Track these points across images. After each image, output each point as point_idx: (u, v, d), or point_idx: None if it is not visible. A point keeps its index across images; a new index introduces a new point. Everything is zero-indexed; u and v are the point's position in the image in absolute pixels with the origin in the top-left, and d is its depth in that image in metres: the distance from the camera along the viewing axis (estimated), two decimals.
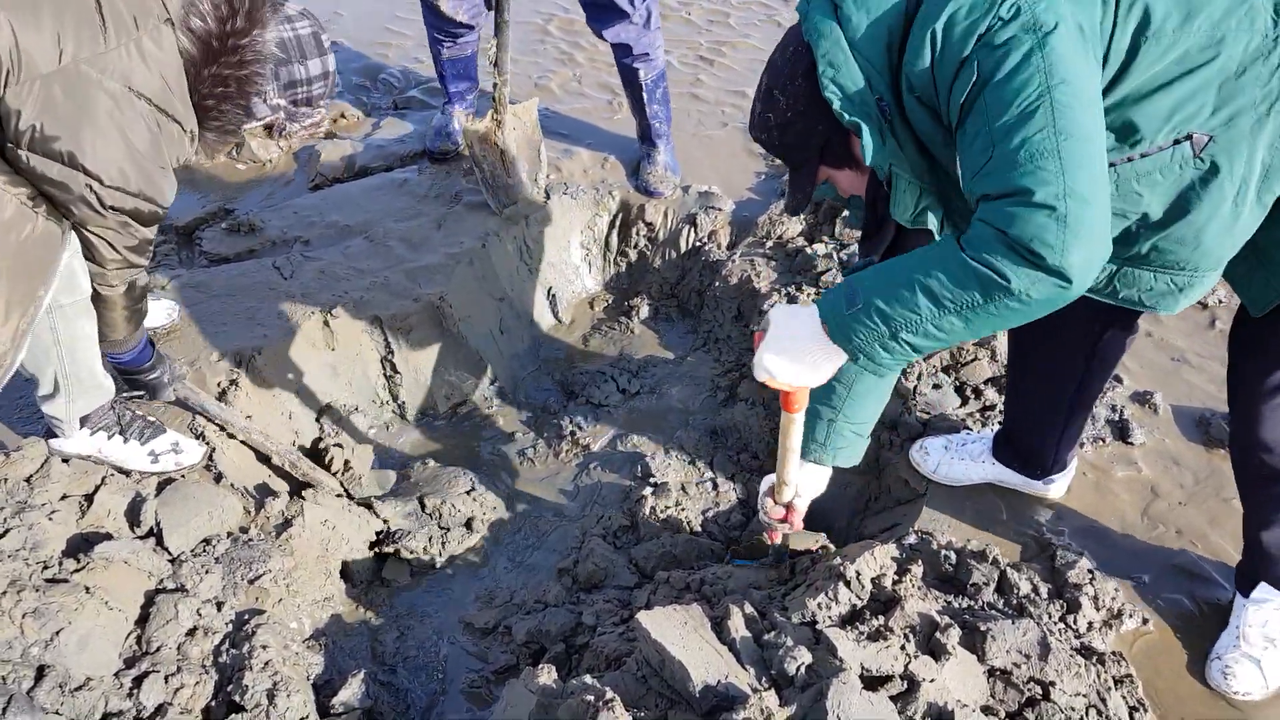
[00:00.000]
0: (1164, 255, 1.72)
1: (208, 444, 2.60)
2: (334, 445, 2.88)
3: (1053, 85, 1.41)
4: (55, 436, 2.37)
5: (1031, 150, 1.41)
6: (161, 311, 2.96)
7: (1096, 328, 2.13)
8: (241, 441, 2.67)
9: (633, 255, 4.02)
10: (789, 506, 2.23)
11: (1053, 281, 1.41)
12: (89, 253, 2.00)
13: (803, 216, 3.83)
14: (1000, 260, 1.43)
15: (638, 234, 3.98)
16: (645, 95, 3.86)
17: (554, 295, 3.88)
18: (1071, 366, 2.23)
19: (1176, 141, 1.58)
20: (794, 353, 1.75)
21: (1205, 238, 1.66)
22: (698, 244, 3.89)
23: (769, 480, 2.28)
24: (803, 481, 2.21)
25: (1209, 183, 1.60)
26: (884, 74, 1.64)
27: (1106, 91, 1.55)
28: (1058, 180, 1.38)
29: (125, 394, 2.50)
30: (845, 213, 3.74)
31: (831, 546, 2.40)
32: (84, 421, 2.36)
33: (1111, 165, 1.60)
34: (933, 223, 1.83)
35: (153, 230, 2.07)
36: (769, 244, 3.76)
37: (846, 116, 1.65)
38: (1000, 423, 2.70)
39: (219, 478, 2.51)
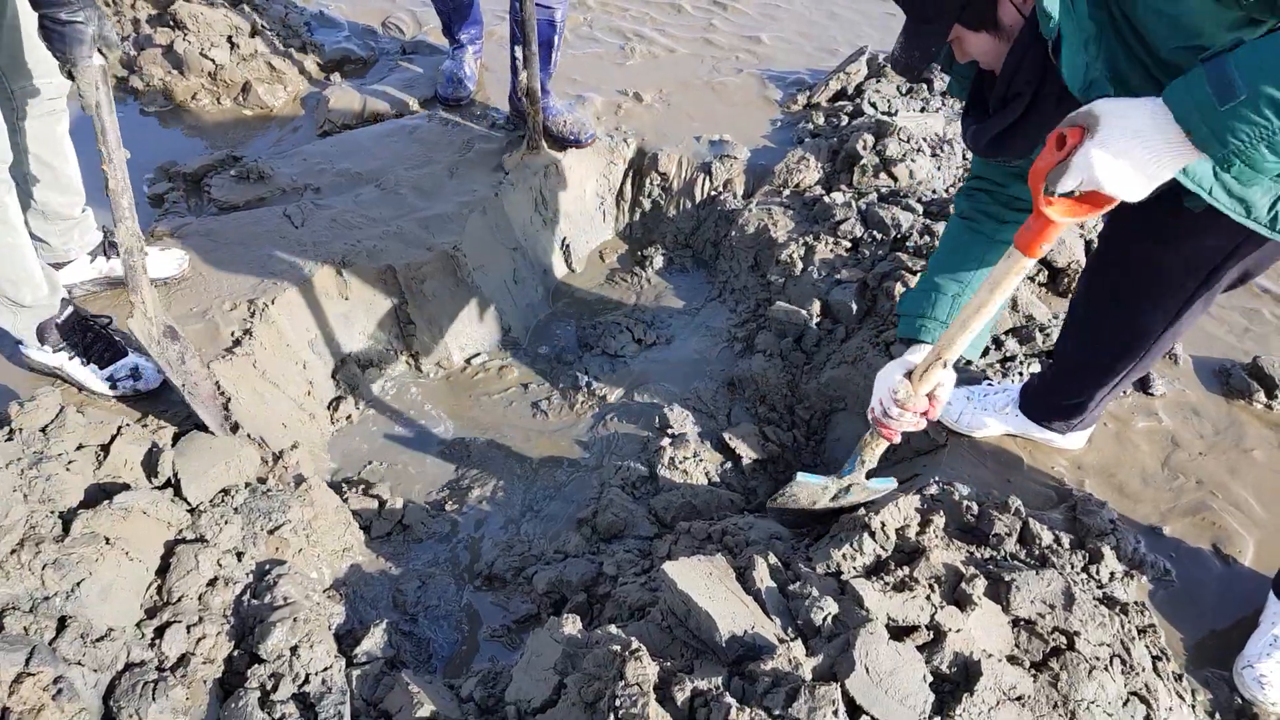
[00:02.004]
0: None
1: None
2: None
3: None
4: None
5: None
6: (171, 260, 2.92)
7: (1190, 290, 1.91)
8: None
9: (647, 205, 3.97)
10: (932, 396, 1.94)
11: None
12: None
13: (820, 165, 3.76)
14: None
15: (651, 183, 3.93)
16: (558, 40, 3.67)
17: (568, 245, 3.84)
18: (1151, 326, 2.04)
19: None
20: (1139, 155, 1.41)
21: None
22: (713, 193, 3.83)
23: (897, 368, 1.99)
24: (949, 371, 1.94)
25: None
26: None
27: None
28: None
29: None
30: (863, 160, 3.67)
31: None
32: (41, 338, 2.38)
33: None
34: (1108, 92, 1.55)
35: None
36: (786, 193, 3.70)
37: None
38: (1026, 376, 2.67)
39: (235, 427, 2.49)
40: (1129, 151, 1.40)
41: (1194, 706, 1.96)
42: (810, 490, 2.25)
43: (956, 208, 2.19)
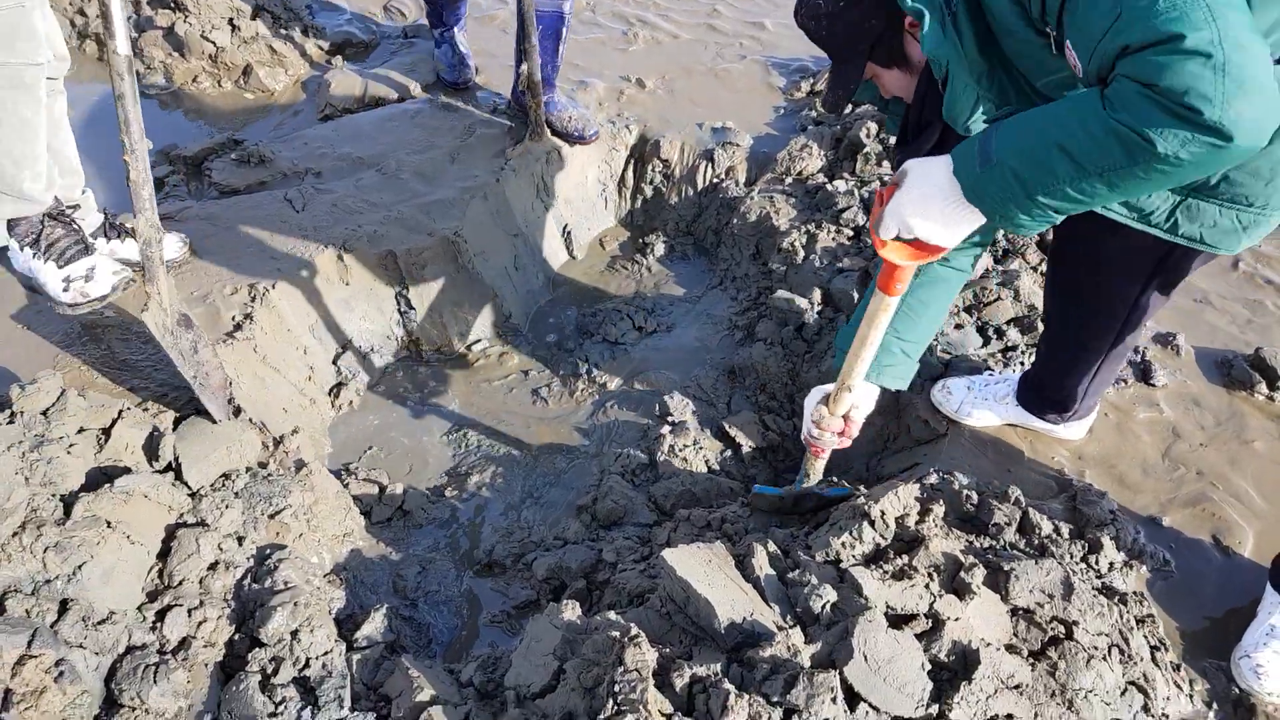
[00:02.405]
0: (1234, 187, 1.64)
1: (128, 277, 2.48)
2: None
3: None
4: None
5: None
6: (171, 244, 2.91)
7: (1144, 279, 2.01)
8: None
9: (649, 192, 3.96)
10: (847, 417, 2.10)
11: (1209, 140, 1.23)
12: None
13: (823, 152, 3.75)
14: (1147, 121, 1.25)
15: (653, 170, 3.92)
16: (566, 33, 3.63)
17: (569, 231, 3.83)
18: (1113, 314, 2.13)
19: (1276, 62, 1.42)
20: (932, 208, 1.59)
21: None
22: (715, 181, 3.82)
23: (820, 392, 2.16)
24: (859, 395, 2.09)
25: None
26: None
27: None
28: (1209, 25, 1.20)
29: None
30: (866, 148, 3.66)
31: (862, 489, 2.36)
32: (10, 230, 2.30)
33: None
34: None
35: None
36: (788, 180, 3.69)
37: (910, 2, 1.54)
38: (1027, 365, 2.68)
39: (238, 411, 2.48)
40: (927, 204, 1.58)
41: (1191, 696, 1.97)
42: (769, 500, 2.39)
43: None
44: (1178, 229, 1.75)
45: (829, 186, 3.52)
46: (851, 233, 3.33)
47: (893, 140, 3.50)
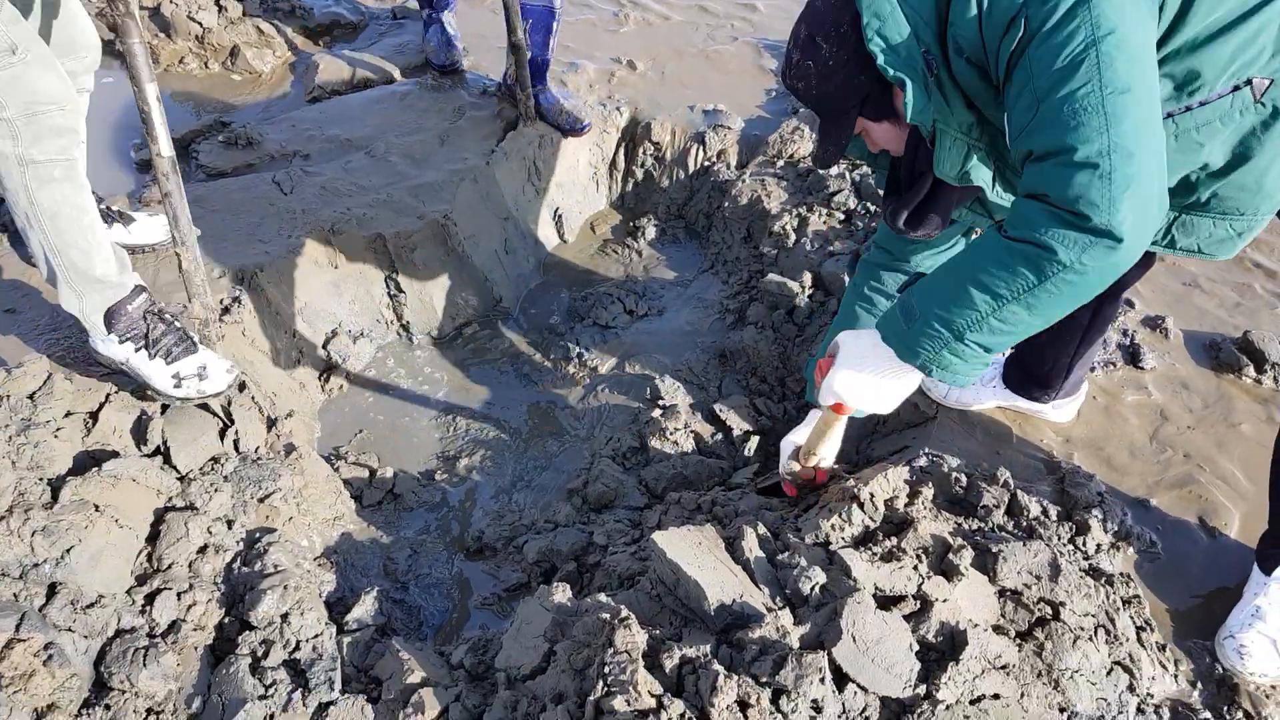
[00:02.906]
0: (1224, 202, 1.69)
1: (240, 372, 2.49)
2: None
3: (1099, 37, 1.34)
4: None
5: (1075, 106, 1.34)
6: (159, 227, 2.89)
7: None
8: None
9: (639, 175, 3.94)
10: (817, 468, 2.25)
11: (1103, 244, 1.34)
12: None
13: (813, 135, 3.74)
14: (1045, 232, 1.37)
15: (645, 153, 3.90)
16: (556, 26, 3.60)
17: (560, 215, 3.82)
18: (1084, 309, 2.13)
19: (1236, 88, 1.52)
20: (867, 375, 1.76)
21: (1266, 181, 1.63)
22: (706, 164, 3.81)
23: (791, 443, 2.29)
24: (826, 454, 2.23)
25: (1270, 127, 1.56)
26: (931, 25, 1.57)
27: (1164, 40, 1.49)
28: (1101, 136, 1.32)
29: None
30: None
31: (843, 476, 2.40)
32: (110, 326, 2.22)
33: (1170, 116, 1.55)
34: (984, 177, 1.76)
35: None
36: (780, 163, 3.68)
37: (891, 71, 1.57)
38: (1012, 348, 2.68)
39: (243, 386, 2.46)
40: (861, 373, 1.77)
41: (1176, 676, 1.98)
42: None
43: (853, 282, 2.43)
44: (1175, 244, 1.80)
45: (820, 170, 3.51)
46: (843, 216, 3.33)
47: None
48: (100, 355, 2.30)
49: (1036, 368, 2.43)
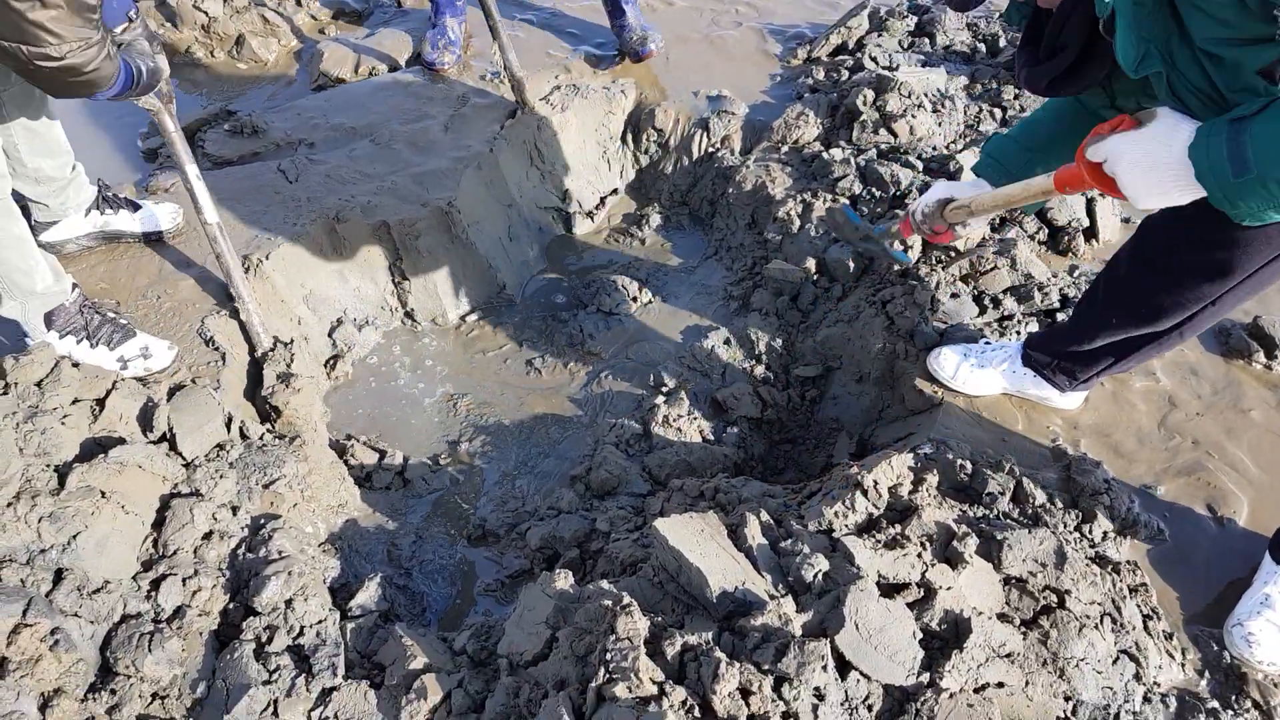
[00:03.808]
0: None
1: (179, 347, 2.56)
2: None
3: None
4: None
5: None
6: (166, 214, 2.89)
7: (1231, 282, 1.86)
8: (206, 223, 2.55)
9: (644, 161, 3.92)
10: (951, 229, 2.22)
11: None
12: (17, 36, 1.73)
13: (819, 121, 3.72)
14: None
15: (648, 139, 3.88)
16: None
17: (569, 196, 3.80)
18: (1181, 311, 1.99)
19: None
20: (1151, 179, 1.54)
21: None
22: (710, 150, 3.79)
23: (944, 189, 2.24)
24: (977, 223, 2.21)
25: None
26: None
27: None
28: None
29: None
30: (863, 116, 3.62)
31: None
32: (50, 324, 2.36)
33: None
34: (1158, 86, 1.60)
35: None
36: (784, 149, 3.66)
37: None
38: (1023, 335, 2.66)
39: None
40: (1147, 172, 1.54)
41: (1184, 665, 1.97)
42: (844, 220, 2.67)
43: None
44: None
45: (825, 155, 3.49)
46: (848, 201, 3.30)
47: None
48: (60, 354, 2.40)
49: (1074, 343, 2.28)
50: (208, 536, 2.13)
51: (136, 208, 2.83)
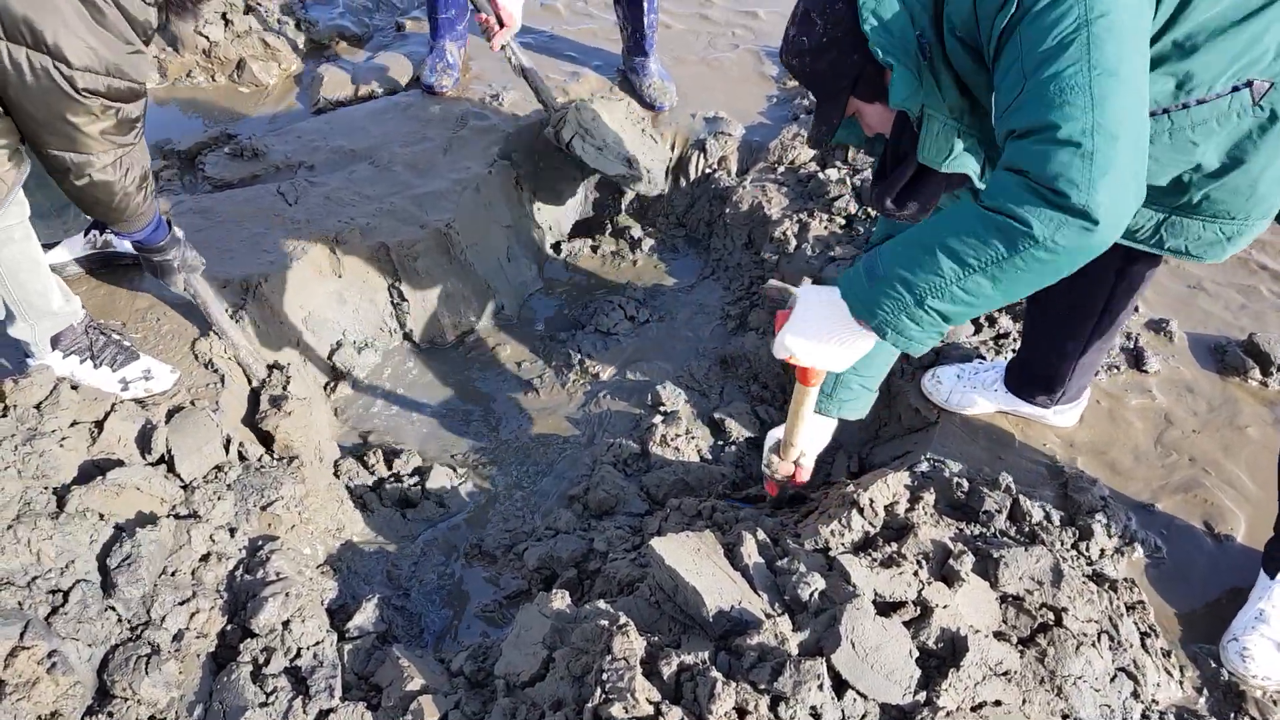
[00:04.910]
0: (1215, 205, 1.68)
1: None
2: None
3: (1091, 19, 1.34)
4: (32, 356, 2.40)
5: (1062, 85, 1.33)
6: None
7: (1120, 260, 2.04)
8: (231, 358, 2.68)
9: None
10: (796, 464, 2.22)
11: (1078, 224, 1.32)
12: (69, 145, 1.92)
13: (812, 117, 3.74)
14: (1021, 205, 1.34)
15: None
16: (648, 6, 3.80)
17: (561, 223, 3.82)
18: (1095, 296, 2.16)
19: (1235, 89, 1.52)
20: (820, 333, 1.72)
21: (1260, 186, 1.62)
22: (707, 170, 3.82)
23: (774, 437, 2.27)
24: (810, 438, 2.19)
25: (1267, 131, 1.55)
26: (927, 8, 1.57)
27: (1162, 34, 1.49)
28: (1086, 115, 1.30)
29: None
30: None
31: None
32: (55, 344, 2.37)
33: (1165, 112, 1.55)
34: (971, 166, 1.74)
35: (135, 108, 2.00)
36: (780, 169, 3.68)
37: (881, 53, 1.58)
38: (1014, 350, 2.67)
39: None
40: (814, 330, 1.73)
41: (1182, 683, 1.97)
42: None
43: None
44: (1163, 244, 1.80)
45: (821, 175, 3.52)
46: (844, 221, 3.33)
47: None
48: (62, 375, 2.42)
49: (1041, 368, 2.40)
50: (205, 558, 2.13)
51: None
